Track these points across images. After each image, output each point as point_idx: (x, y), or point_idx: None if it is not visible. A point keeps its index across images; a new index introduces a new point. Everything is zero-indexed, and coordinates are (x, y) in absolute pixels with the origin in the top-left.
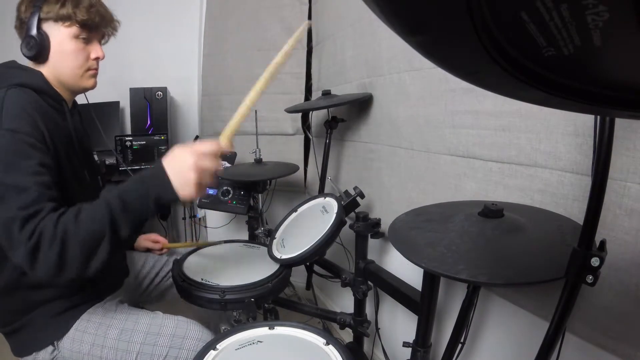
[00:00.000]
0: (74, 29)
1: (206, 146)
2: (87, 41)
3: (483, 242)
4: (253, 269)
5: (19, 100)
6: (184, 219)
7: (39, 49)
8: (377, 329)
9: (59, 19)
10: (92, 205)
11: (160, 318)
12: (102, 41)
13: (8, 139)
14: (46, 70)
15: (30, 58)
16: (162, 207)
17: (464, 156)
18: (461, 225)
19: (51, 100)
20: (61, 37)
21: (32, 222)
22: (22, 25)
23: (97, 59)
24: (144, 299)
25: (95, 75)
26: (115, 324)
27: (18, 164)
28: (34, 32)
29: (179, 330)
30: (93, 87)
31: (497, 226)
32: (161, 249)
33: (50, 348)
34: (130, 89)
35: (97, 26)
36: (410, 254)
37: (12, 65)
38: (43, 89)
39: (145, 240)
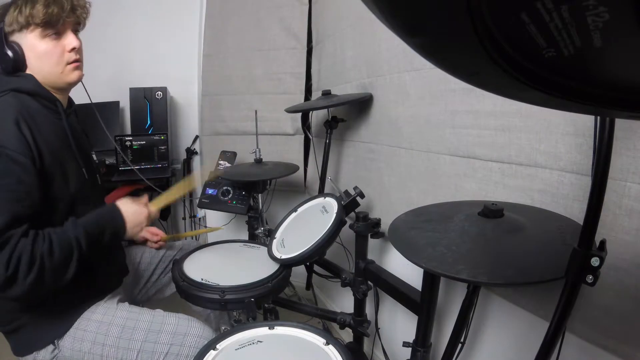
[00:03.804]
0: (38, 31)
1: (144, 211)
2: (58, 35)
3: (483, 242)
4: (253, 269)
5: (5, 107)
6: (184, 218)
7: (14, 61)
8: (377, 329)
9: (21, 27)
10: (61, 235)
11: (162, 316)
12: (79, 27)
13: None
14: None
15: (9, 72)
16: (113, 239)
17: (464, 156)
18: (461, 225)
19: (45, 101)
20: (30, 42)
21: (5, 251)
22: None
23: (73, 49)
24: (142, 296)
25: (78, 68)
26: (116, 322)
27: None
28: (4, 47)
29: (180, 327)
30: (79, 79)
31: (497, 226)
32: (158, 242)
33: (50, 347)
34: (130, 89)
35: (58, 18)
36: (410, 254)
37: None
38: (37, 91)
39: (145, 231)
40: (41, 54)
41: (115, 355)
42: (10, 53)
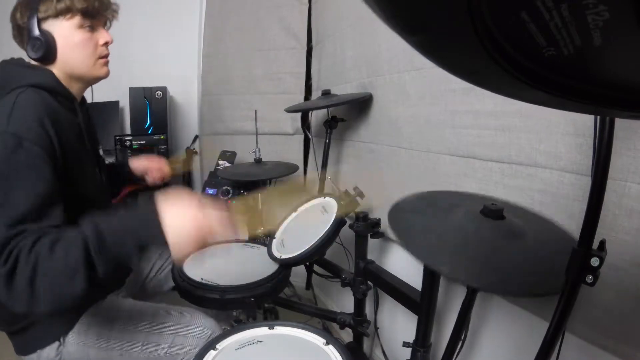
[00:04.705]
0: (77, 19)
1: (216, 214)
2: (92, 29)
3: (482, 243)
4: (253, 269)
5: (30, 103)
6: None
7: (46, 49)
8: (377, 328)
9: (59, 14)
10: (70, 235)
11: (165, 308)
12: (105, 27)
13: (11, 145)
14: (56, 68)
15: (38, 60)
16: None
17: (464, 156)
18: (461, 225)
19: (63, 99)
20: (65, 31)
21: (11, 244)
22: (21, 32)
23: (106, 44)
24: (142, 293)
25: (107, 64)
26: (121, 315)
27: (16, 175)
28: (36, 33)
29: (184, 318)
30: (106, 75)
31: (497, 226)
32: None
33: (56, 344)
34: (130, 89)
35: (98, 11)
36: (408, 245)
37: (23, 63)
38: (55, 89)
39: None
40: (76, 44)
41: (120, 347)
42: (42, 39)
